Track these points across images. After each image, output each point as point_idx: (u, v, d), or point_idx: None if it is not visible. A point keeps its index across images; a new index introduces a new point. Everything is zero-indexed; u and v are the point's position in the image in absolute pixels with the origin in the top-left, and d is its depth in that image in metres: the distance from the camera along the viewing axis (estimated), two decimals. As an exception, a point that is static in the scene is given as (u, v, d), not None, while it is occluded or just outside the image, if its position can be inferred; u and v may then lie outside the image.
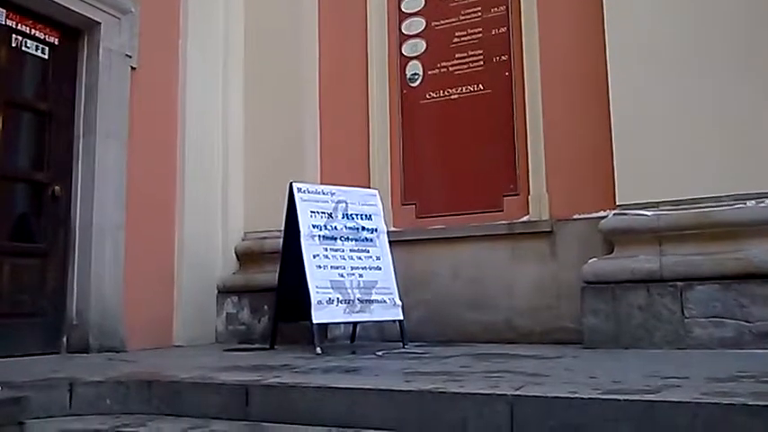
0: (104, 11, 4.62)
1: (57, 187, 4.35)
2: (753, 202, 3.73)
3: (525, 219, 4.70)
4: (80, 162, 4.46)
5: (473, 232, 4.79)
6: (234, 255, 5.46)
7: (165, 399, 2.71)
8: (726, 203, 3.78)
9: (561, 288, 4.42)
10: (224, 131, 5.52)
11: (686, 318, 3.72)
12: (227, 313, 5.30)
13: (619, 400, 2.06)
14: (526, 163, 4.76)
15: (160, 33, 5.09)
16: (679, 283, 3.76)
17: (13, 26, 4.24)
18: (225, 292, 5.34)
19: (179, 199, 5.11)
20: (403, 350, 4.05)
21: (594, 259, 4.10)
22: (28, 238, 4.27)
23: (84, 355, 4.14)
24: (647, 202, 4.00)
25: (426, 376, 2.70)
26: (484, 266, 4.74)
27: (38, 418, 2.43)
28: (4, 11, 4.18)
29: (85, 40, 4.62)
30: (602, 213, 4.26)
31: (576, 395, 2.14)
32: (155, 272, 4.84)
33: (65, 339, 4.26)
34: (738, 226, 3.73)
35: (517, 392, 2.22)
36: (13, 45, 4.25)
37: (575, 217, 4.51)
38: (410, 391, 2.37)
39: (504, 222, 4.74)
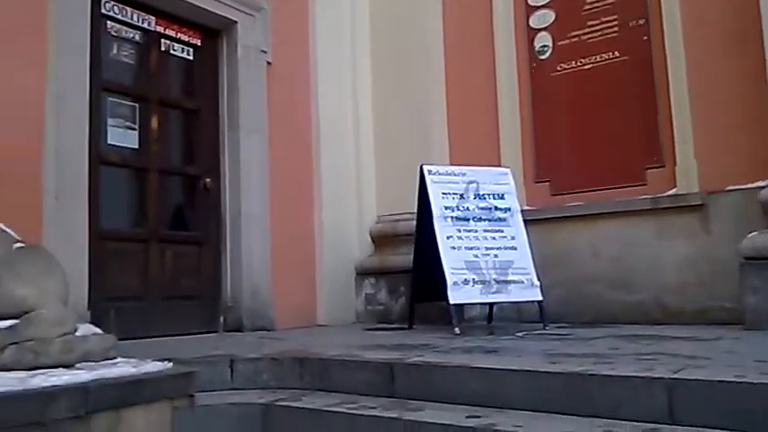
0: (240, 10, 4.88)
1: (207, 179, 4.69)
2: None
3: (672, 192, 4.40)
4: (226, 155, 4.77)
5: (614, 208, 4.55)
6: (369, 237, 5.61)
7: (315, 375, 2.85)
8: None
9: (715, 265, 4.10)
10: (354, 118, 5.66)
11: None
12: (365, 294, 5.46)
13: (794, 384, 1.88)
14: (671, 132, 4.44)
15: (291, 27, 5.30)
16: None
17: (162, 31, 4.60)
18: (362, 273, 5.50)
19: (316, 186, 5.32)
20: (543, 331, 3.96)
21: (754, 233, 3.75)
22: (184, 228, 4.65)
23: (239, 333, 4.45)
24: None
25: (573, 358, 2.62)
26: (627, 244, 4.51)
27: (204, 391, 2.64)
28: (153, 18, 4.54)
29: (224, 39, 4.91)
30: (760, 183, 3.91)
31: (744, 379, 1.98)
32: (297, 256, 5.09)
33: (221, 319, 4.60)
34: None
35: (676, 376, 2.10)
36: (163, 49, 4.61)
37: (728, 188, 4.15)
38: (557, 372, 2.31)
39: (648, 197, 4.46)
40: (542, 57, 5.12)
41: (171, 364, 2.56)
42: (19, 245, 2.55)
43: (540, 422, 2.13)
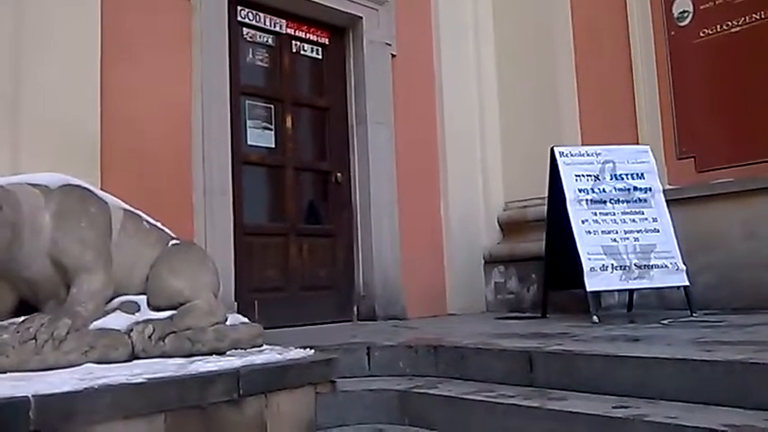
0: (364, 5, 4.97)
1: (338, 174, 4.84)
2: None
3: (841, 162, 3.92)
4: (355, 149, 4.90)
5: (769, 183, 4.14)
6: (497, 225, 5.52)
7: (450, 363, 2.85)
8: None
9: None
10: (480, 104, 5.58)
11: None
12: (494, 282, 5.39)
13: None
14: (836, 96, 3.96)
15: (414, 18, 5.32)
16: None
17: (292, 33, 4.79)
18: (491, 261, 5.43)
19: (442, 174, 5.32)
20: (691, 318, 3.70)
21: None
22: (319, 221, 4.83)
23: (373, 322, 4.57)
24: None
25: (729, 346, 2.42)
26: (787, 222, 4.08)
27: (343, 377, 2.72)
28: (284, 21, 4.74)
29: (350, 35, 5.03)
30: None
31: None
32: (426, 245, 5.12)
33: (355, 308, 4.75)
34: None
35: None
36: (294, 50, 4.81)
37: None
38: (714, 361, 2.14)
39: (812, 169, 4.01)
40: (682, 23, 4.76)
41: (313, 351, 2.67)
42: (174, 242, 2.77)
43: (697, 414, 1.99)
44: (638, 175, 4.19)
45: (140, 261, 2.60)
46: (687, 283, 3.91)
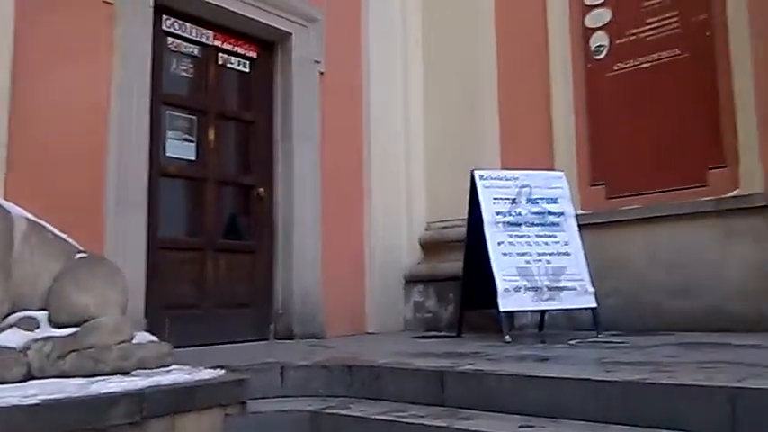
0: (294, 21, 4.96)
1: (261, 189, 4.78)
2: None
3: (735, 193, 4.21)
4: (280, 165, 4.85)
5: (673, 211, 4.39)
6: (418, 245, 5.60)
7: (364, 382, 2.85)
8: None
9: (783, 270, 3.90)
10: (405, 125, 5.68)
11: None
12: (414, 301, 5.45)
13: None
14: (734, 132, 4.26)
15: (344, 37, 5.35)
16: None
17: (219, 45, 4.72)
18: (411, 281, 5.49)
19: (366, 193, 5.35)
20: (597, 339, 3.85)
21: (826, 236, 3.55)
22: (239, 236, 4.74)
23: (290, 341, 4.51)
24: None
25: (629, 366, 2.54)
26: (687, 249, 4.34)
27: (255, 398, 2.67)
28: (211, 32, 4.67)
29: (279, 51, 5.00)
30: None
31: (813, 390, 1.88)
32: (348, 263, 5.12)
33: (272, 327, 4.67)
34: None
35: (739, 384, 2.00)
36: (220, 63, 4.73)
37: (797, 189, 3.94)
38: (614, 381, 2.24)
39: (710, 199, 4.29)
40: (598, 57, 5.01)
41: (223, 371, 2.61)
42: (81, 254, 2.66)
43: (596, 433, 2.07)
44: (552, 199, 4.36)
45: (44, 274, 2.49)
46: (595, 305, 4.08)
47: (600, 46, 5.01)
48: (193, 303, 4.29)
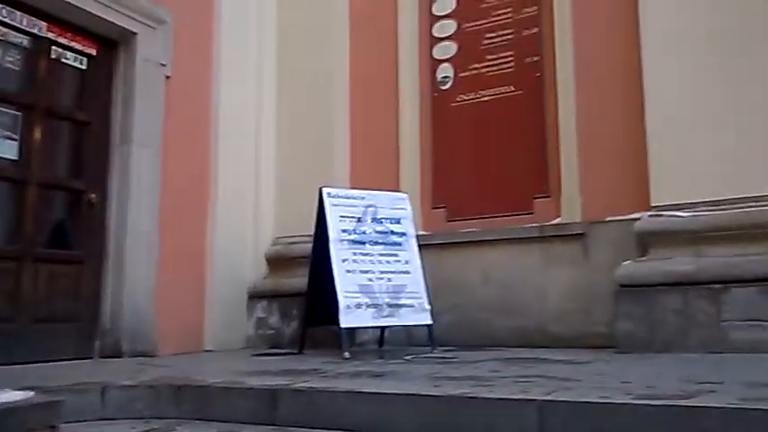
0: (141, 21, 4.71)
1: (93, 195, 4.45)
2: (795, 201, 3.60)
3: (557, 221, 4.62)
4: (115, 170, 4.55)
5: (504, 235, 4.73)
6: (264, 259, 5.50)
7: (194, 403, 2.73)
8: (766, 203, 3.66)
9: (594, 292, 4.33)
10: (256, 137, 5.58)
11: (722, 321, 3.61)
12: (257, 318, 5.34)
13: (652, 405, 2.00)
14: (558, 165, 4.69)
15: (194, 41, 5.16)
16: (715, 286, 3.66)
17: (53, 38, 4.35)
18: (255, 296, 5.38)
19: (211, 205, 5.17)
20: (432, 355, 4.02)
21: (628, 262, 4.01)
22: (65, 245, 4.37)
23: (117, 359, 4.20)
24: (682, 203, 3.91)
25: (455, 381, 2.67)
26: (515, 270, 4.68)
27: (70, 422, 2.45)
28: (45, 24, 4.30)
29: (122, 50, 4.71)
30: (635, 215, 4.17)
31: (609, 400, 2.09)
32: (187, 277, 4.90)
33: (98, 344, 4.34)
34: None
35: (547, 397, 2.18)
36: (53, 57, 4.36)
37: (608, 219, 4.41)
38: (438, 396, 2.34)
39: (535, 225, 4.67)
40: (443, 87, 5.28)
41: (33, 393, 2.37)
42: None
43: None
44: (395, 219, 4.50)
45: None
46: (430, 322, 4.27)
47: (446, 77, 5.29)
48: (6, 317, 3.88)
